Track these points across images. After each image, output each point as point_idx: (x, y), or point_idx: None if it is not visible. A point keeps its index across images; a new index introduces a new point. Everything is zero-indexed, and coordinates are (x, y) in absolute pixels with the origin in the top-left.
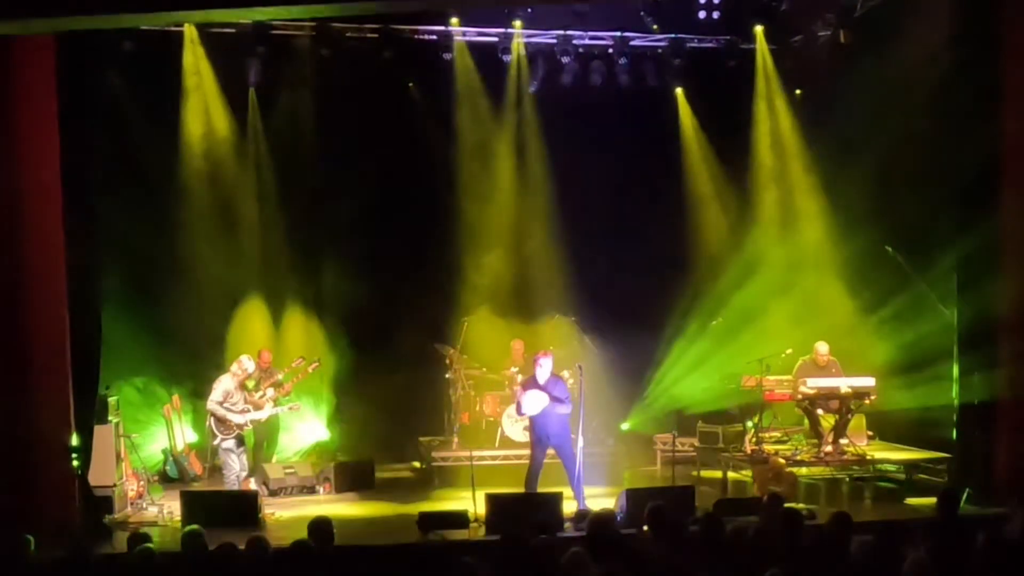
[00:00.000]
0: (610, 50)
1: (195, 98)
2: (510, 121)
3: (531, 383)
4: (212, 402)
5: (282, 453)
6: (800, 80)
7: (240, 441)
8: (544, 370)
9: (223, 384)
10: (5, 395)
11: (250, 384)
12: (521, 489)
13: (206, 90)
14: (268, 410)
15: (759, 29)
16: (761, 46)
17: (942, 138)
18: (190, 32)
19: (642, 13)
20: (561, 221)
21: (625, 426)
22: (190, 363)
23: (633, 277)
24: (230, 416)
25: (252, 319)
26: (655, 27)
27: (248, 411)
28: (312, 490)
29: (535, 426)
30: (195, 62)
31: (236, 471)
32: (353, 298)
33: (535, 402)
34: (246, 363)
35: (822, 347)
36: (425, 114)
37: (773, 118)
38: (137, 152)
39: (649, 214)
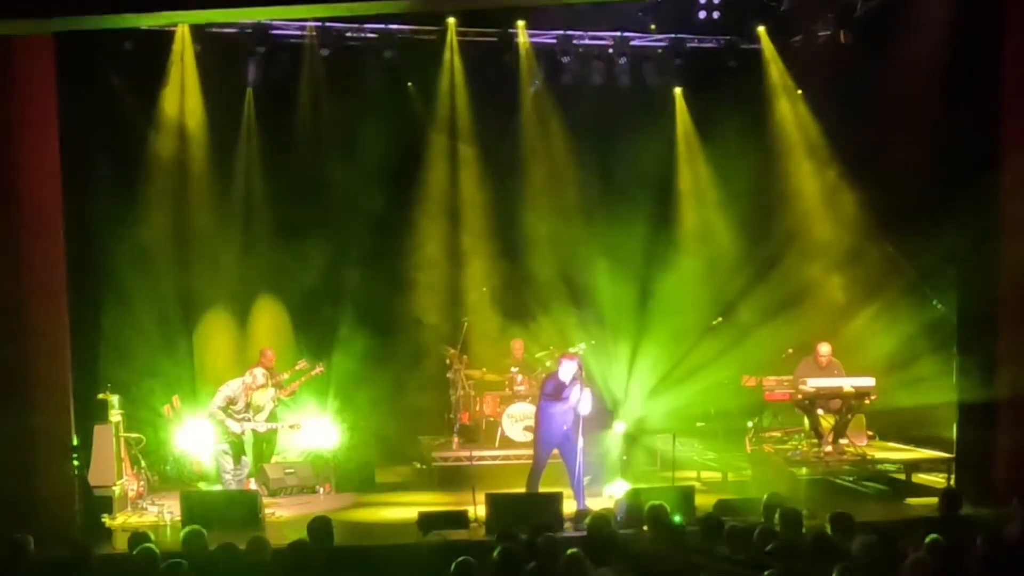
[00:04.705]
0: (610, 50)
1: (186, 96)
2: (510, 121)
3: (555, 381)
4: (213, 406)
5: (286, 456)
6: (800, 80)
7: (236, 446)
8: (567, 371)
9: (228, 389)
10: (5, 395)
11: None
12: (521, 489)
13: (189, 88)
14: (267, 424)
15: (762, 29)
16: (767, 46)
17: (942, 138)
18: (182, 31)
19: (640, 13)
20: (560, 220)
21: (624, 426)
22: (190, 363)
23: (632, 276)
24: (228, 423)
25: (253, 319)
26: (652, 27)
27: (247, 420)
28: (312, 490)
29: (552, 425)
30: (181, 66)
31: (231, 472)
32: (352, 298)
33: (588, 401)
34: (259, 376)
35: (823, 348)
36: (425, 114)
37: (795, 114)
38: (137, 152)
39: (648, 213)
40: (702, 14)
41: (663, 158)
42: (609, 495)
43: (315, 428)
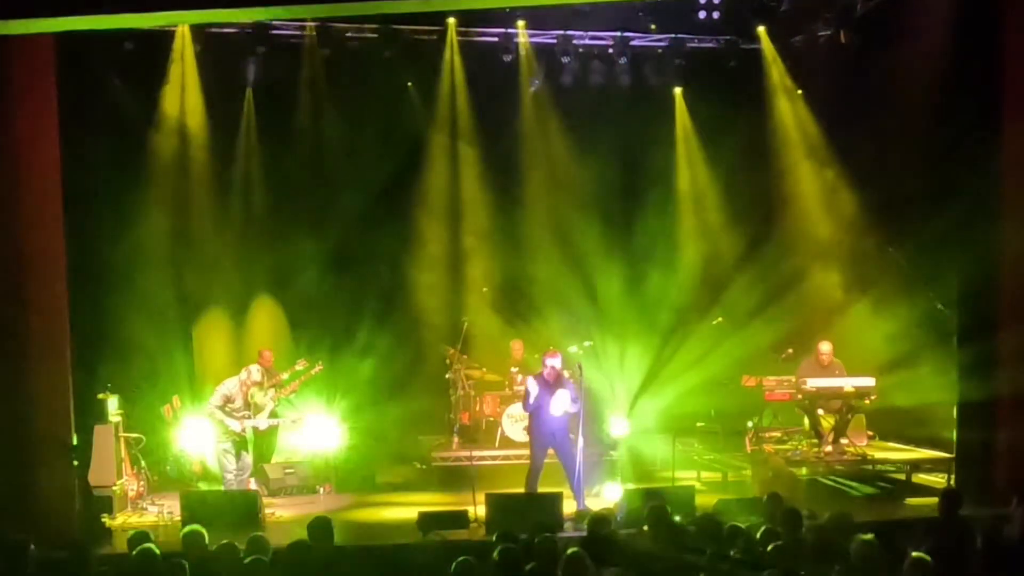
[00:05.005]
0: (610, 50)
1: (186, 96)
2: (510, 121)
3: (539, 381)
4: (211, 405)
5: (288, 456)
6: (800, 80)
7: (239, 444)
8: (551, 369)
9: (225, 388)
10: (5, 395)
11: (256, 391)
12: (521, 489)
13: (189, 88)
14: (267, 420)
15: (762, 30)
16: (767, 46)
17: (942, 137)
18: (182, 31)
19: (640, 13)
20: (560, 220)
21: (624, 427)
22: (190, 363)
23: (631, 276)
24: (228, 421)
25: (252, 319)
26: (652, 27)
27: (247, 418)
28: (312, 490)
29: (539, 424)
30: (181, 65)
31: (232, 471)
32: (351, 298)
33: (561, 403)
34: (254, 372)
35: (825, 347)
36: (425, 114)
37: (795, 115)
38: (136, 151)
39: (648, 213)
40: (702, 14)
41: (663, 158)
42: (595, 493)
43: (317, 428)
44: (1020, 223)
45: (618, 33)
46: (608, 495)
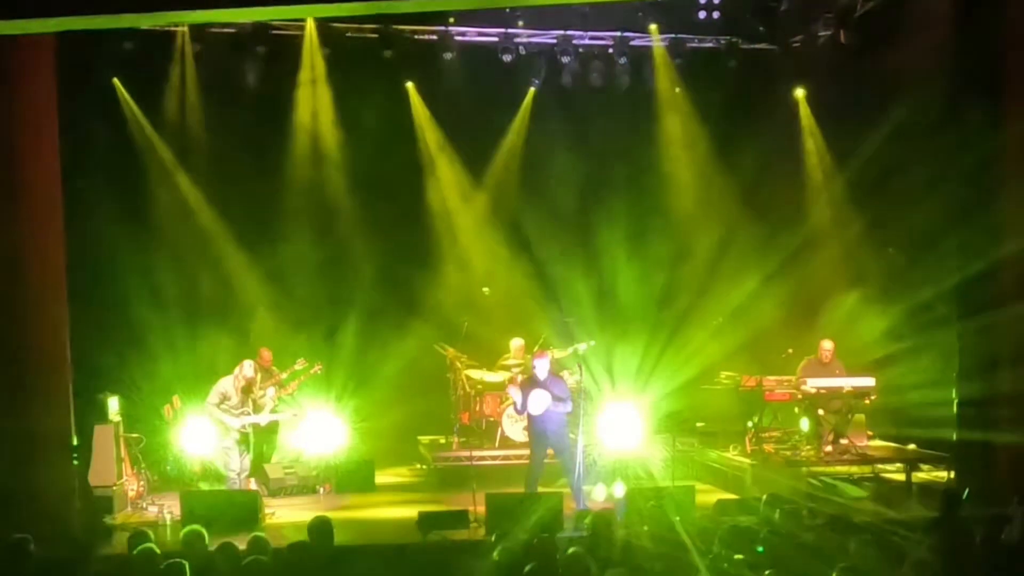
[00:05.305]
0: (610, 50)
1: (186, 96)
2: (510, 122)
3: (531, 382)
4: (209, 403)
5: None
6: (800, 80)
7: (239, 442)
8: (541, 370)
9: (221, 386)
10: (5, 395)
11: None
12: (521, 489)
13: (189, 88)
14: (267, 416)
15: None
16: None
17: (943, 137)
18: (182, 31)
19: (640, 13)
20: (560, 220)
21: (624, 427)
22: (190, 363)
23: (632, 276)
24: (225, 419)
25: (253, 318)
26: (652, 27)
27: (247, 414)
28: (312, 490)
29: (535, 424)
30: (181, 66)
31: (236, 470)
32: (352, 299)
33: (539, 401)
34: (247, 369)
35: (827, 344)
36: (424, 114)
37: (793, 113)
38: (137, 152)
39: (647, 213)
40: (702, 14)
41: (662, 158)
42: (594, 492)
43: (318, 428)
44: (1021, 223)
45: (618, 33)
46: (606, 495)
